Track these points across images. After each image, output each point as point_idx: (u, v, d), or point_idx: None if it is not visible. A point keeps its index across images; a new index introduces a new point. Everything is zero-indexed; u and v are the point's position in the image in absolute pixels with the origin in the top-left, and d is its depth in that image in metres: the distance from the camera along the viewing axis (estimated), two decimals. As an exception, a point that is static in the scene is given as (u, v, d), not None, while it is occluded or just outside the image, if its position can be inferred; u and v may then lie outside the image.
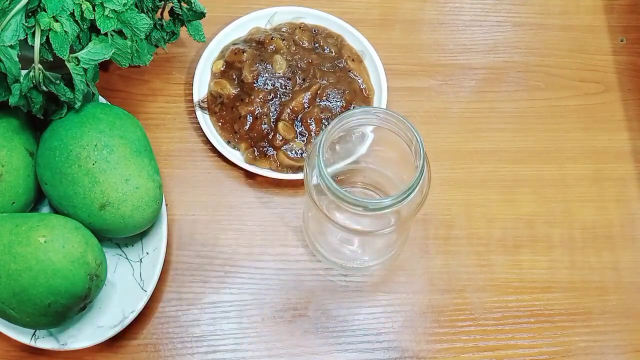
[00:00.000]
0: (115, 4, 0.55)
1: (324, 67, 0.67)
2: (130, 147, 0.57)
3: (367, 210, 0.49)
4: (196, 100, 0.67)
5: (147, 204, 0.56)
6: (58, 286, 0.51)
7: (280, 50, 0.67)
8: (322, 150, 0.49)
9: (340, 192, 0.49)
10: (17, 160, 0.57)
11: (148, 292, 0.58)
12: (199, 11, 0.62)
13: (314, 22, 0.71)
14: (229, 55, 0.67)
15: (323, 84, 0.66)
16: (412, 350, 0.60)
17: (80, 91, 0.56)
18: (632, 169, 0.68)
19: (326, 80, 0.66)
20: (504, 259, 0.63)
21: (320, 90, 0.65)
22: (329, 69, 0.67)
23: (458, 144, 0.68)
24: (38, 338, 0.56)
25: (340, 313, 0.61)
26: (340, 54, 0.69)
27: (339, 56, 0.69)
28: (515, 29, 0.75)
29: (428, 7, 0.75)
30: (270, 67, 0.66)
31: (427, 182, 0.52)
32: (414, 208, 0.52)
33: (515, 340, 0.60)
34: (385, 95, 0.67)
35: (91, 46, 0.55)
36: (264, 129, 0.64)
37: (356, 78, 0.68)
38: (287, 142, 0.64)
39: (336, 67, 0.68)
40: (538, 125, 0.70)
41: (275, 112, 0.65)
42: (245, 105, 0.65)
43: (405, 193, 0.49)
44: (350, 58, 0.69)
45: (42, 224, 0.53)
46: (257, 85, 0.65)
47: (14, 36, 0.52)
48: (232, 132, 0.65)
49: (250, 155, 0.64)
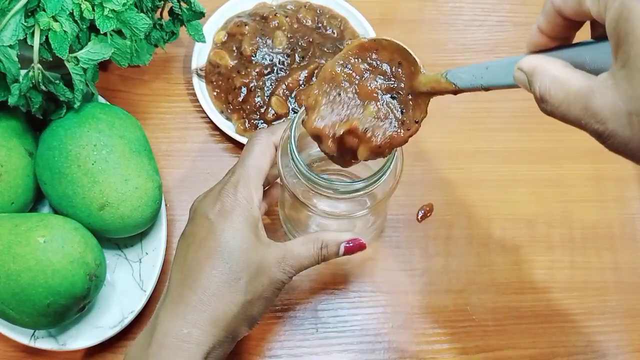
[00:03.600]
0: (114, 3, 0.55)
1: (325, 47, 0.68)
2: (129, 147, 0.57)
3: (338, 193, 0.49)
4: (194, 67, 0.67)
5: (147, 204, 0.56)
6: (57, 286, 0.51)
7: (282, 26, 0.68)
8: (294, 132, 0.49)
9: (312, 175, 0.48)
10: (16, 160, 0.57)
11: (147, 292, 0.58)
12: (199, 11, 0.62)
13: (320, 2, 0.71)
14: (232, 27, 0.68)
15: (321, 64, 0.66)
16: (411, 350, 0.60)
17: (79, 91, 0.56)
18: (632, 169, 0.68)
19: (325, 60, 0.66)
20: (503, 259, 0.63)
21: (317, 70, 0.66)
22: (329, 50, 0.68)
23: (457, 144, 0.68)
24: (37, 338, 0.56)
25: (340, 313, 0.61)
26: (342, 35, 0.69)
27: (341, 38, 0.69)
28: (515, 29, 0.75)
29: (428, 7, 0.75)
30: (270, 42, 0.66)
31: (399, 164, 0.51)
32: (387, 190, 0.51)
33: (515, 340, 0.60)
34: None
35: (90, 46, 0.55)
36: (257, 102, 0.64)
37: None
38: (279, 117, 0.64)
39: (337, 49, 0.68)
40: (538, 125, 0.70)
41: (270, 87, 0.65)
42: (240, 77, 0.65)
43: (377, 175, 0.48)
44: (351, 40, 0.69)
45: (41, 224, 0.53)
46: (255, 58, 0.66)
47: (13, 36, 0.52)
48: (225, 103, 0.66)
49: (241, 127, 0.65)
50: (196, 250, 0.48)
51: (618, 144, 0.35)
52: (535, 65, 0.40)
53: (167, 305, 0.48)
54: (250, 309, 0.48)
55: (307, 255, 0.50)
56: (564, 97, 0.38)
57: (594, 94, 0.36)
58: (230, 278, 0.47)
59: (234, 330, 0.48)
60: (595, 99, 0.36)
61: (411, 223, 0.64)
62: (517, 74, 0.41)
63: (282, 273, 0.49)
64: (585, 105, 0.36)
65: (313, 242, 0.50)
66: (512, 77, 0.41)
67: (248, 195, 0.49)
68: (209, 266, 0.47)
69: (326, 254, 0.51)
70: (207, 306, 0.47)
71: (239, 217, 0.48)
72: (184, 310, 0.47)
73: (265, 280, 0.48)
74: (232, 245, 0.48)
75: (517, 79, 0.41)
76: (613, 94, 0.35)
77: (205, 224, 0.49)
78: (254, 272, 0.48)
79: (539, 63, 0.39)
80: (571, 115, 0.38)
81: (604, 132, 0.36)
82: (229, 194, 0.49)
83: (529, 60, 0.40)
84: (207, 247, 0.48)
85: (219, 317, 0.47)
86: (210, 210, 0.49)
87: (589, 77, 0.37)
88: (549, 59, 0.40)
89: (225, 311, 0.47)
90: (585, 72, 0.37)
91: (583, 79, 0.37)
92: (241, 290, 0.47)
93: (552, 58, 0.40)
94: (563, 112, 0.38)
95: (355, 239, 0.51)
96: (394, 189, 0.52)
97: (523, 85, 0.41)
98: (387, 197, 0.52)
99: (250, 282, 0.48)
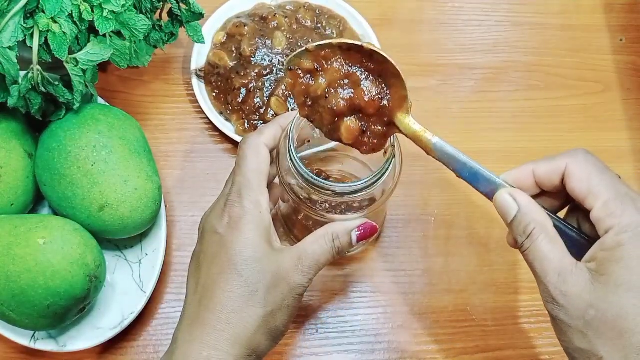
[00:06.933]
0: (113, 5, 0.55)
1: None
2: (129, 148, 0.57)
3: (337, 194, 0.49)
4: (193, 68, 0.67)
5: (146, 205, 0.56)
6: (57, 288, 0.51)
7: (281, 27, 0.68)
8: (293, 133, 0.48)
9: (311, 176, 0.48)
10: (15, 161, 0.57)
11: (147, 293, 0.58)
12: (198, 12, 0.62)
13: (319, 3, 0.71)
14: (231, 28, 0.68)
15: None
16: (411, 350, 0.60)
17: (79, 92, 0.56)
18: (632, 168, 0.68)
19: None
20: (503, 259, 0.63)
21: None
22: None
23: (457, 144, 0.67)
24: (37, 340, 0.56)
25: (340, 314, 0.61)
26: (341, 36, 0.69)
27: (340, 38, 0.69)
28: (514, 29, 0.74)
29: (427, 7, 0.75)
30: (269, 42, 0.66)
31: (399, 165, 0.51)
32: (387, 190, 0.51)
33: (515, 340, 0.60)
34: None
35: (90, 47, 0.55)
36: (256, 103, 0.64)
37: None
38: None
39: None
40: (537, 125, 0.70)
41: (269, 88, 0.65)
42: (240, 78, 0.65)
43: (376, 176, 0.48)
44: None
45: (41, 226, 0.53)
46: (255, 59, 0.66)
47: (12, 37, 0.52)
48: (225, 103, 0.66)
49: (241, 127, 0.65)
50: (209, 268, 0.47)
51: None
52: (532, 212, 0.43)
53: (184, 328, 0.46)
54: (272, 321, 0.46)
55: (322, 252, 0.47)
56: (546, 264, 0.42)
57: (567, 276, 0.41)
58: (247, 291, 0.45)
59: (256, 347, 0.46)
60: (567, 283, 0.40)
61: (411, 223, 0.64)
62: (507, 199, 0.44)
63: (301, 277, 0.46)
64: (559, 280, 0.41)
65: (324, 237, 0.48)
66: (489, 189, 0.45)
67: (255, 199, 0.47)
68: (223, 282, 0.45)
69: (340, 246, 0.48)
70: (226, 325, 0.44)
71: (248, 225, 0.46)
72: (201, 332, 0.44)
73: (285, 288, 0.46)
74: (244, 256, 0.46)
75: (503, 201, 0.44)
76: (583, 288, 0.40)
77: (215, 239, 0.47)
78: (271, 281, 0.46)
79: (538, 216, 0.43)
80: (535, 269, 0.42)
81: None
82: (234, 204, 0.47)
83: (526, 199, 0.43)
84: (220, 262, 0.46)
85: (239, 335, 0.44)
86: (218, 224, 0.47)
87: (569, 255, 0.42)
88: (544, 213, 0.43)
89: (246, 327, 0.45)
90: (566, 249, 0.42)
91: (564, 257, 0.41)
92: (260, 303, 0.45)
93: (547, 215, 0.43)
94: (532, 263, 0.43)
95: (364, 223, 0.49)
96: (394, 189, 0.52)
97: (504, 208, 0.44)
98: (387, 198, 0.52)
99: (269, 292, 0.45)
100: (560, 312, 0.41)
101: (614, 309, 0.38)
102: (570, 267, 0.41)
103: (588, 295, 0.39)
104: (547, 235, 0.42)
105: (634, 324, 0.38)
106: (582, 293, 0.40)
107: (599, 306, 0.39)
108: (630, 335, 0.38)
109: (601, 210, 0.41)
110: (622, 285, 0.38)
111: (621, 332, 0.38)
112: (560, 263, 0.41)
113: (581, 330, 0.40)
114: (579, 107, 0.71)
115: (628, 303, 0.38)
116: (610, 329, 0.39)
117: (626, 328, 0.38)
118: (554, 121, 0.70)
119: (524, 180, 0.45)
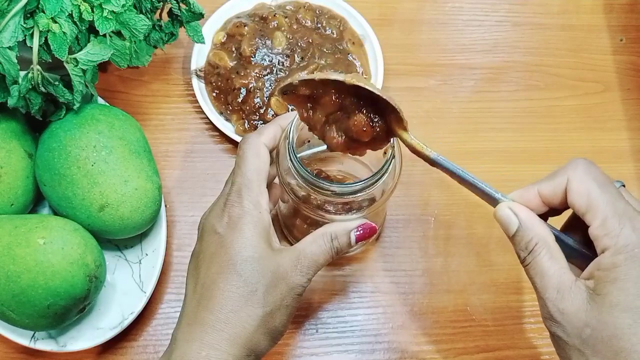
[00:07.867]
0: (113, 5, 0.55)
1: (324, 47, 0.68)
2: (129, 148, 0.57)
3: (337, 194, 0.49)
4: (193, 68, 0.67)
5: (146, 205, 0.56)
6: (57, 288, 0.51)
7: (281, 27, 0.68)
8: (293, 133, 0.48)
9: (311, 176, 0.48)
10: (15, 161, 0.57)
11: (147, 293, 0.58)
12: (198, 12, 0.62)
13: (319, 3, 0.71)
14: (231, 28, 0.68)
15: (321, 65, 0.66)
16: (411, 350, 0.60)
17: (79, 92, 0.56)
18: (632, 168, 0.68)
19: (324, 60, 0.66)
20: (503, 259, 0.63)
21: (317, 70, 0.65)
22: (329, 50, 0.68)
23: (457, 144, 0.68)
24: (37, 340, 0.56)
25: (340, 314, 0.61)
26: (341, 36, 0.69)
27: (340, 38, 0.69)
28: (514, 29, 0.75)
29: (427, 7, 0.75)
30: (269, 42, 0.67)
31: (398, 165, 0.51)
32: (387, 190, 0.51)
33: (515, 340, 0.60)
34: (380, 81, 0.67)
35: (90, 47, 0.55)
36: (256, 103, 0.64)
37: (354, 61, 0.68)
38: None
39: (336, 49, 0.68)
40: (537, 125, 0.70)
41: (269, 88, 0.65)
42: (240, 78, 0.65)
43: (376, 176, 0.48)
44: (351, 41, 0.69)
45: (41, 226, 0.53)
46: (255, 59, 0.66)
47: (12, 37, 0.52)
48: (225, 103, 0.66)
49: (241, 127, 0.65)
50: (208, 267, 0.47)
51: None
52: (534, 225, 0.44)
53: (184, 328, 0.46)
54: (271, 321, 0.46)
55: (320, 252, 0.48)
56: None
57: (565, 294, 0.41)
58: (246, 291, 0.45)
59: (255, 347, 0.46)
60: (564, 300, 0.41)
61: (411, 223, 0.64)
62: (507, 213, 0.45)
63: (300, 276, 0.47)
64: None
65: (323, 237, 0.48)
66: (489, 201, 0.47)
67: (255, 200, 0.47)
68: (222, 281, 0.45)
69: (338, 246, 0.48)
70: (225, 324, 0.45)
71: (248, 225, 0.47)
72: (200, 331, 0.45)
73: (284, 288, 0.46)
74: (243, 255, 0.46)
75: (504, 215, 0.45)
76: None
77: (214, 238, 0.47)
78: (270, 281, 0.46)
79: (540, 230, 0.43)
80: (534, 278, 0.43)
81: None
82: (234, 204, 0.47)
83: (526, 213, 0.44)
84: (219, 262, 0.46)
85: (237, 335, 0.45)
86: (218, 224, 0.47)
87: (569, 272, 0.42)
88: (545, 226, 0.44)
89: (245, 327, 0.45)
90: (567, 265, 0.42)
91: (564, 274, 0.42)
92: (259, 303, 0.45)
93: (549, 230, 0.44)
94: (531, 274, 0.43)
95: (364, 223, 0.49)
96: (393, 189, 0.52)
97: (505, 223, 0.45)
98: (387, 198, 0.52)
99: (268, 292, 0.46)
100: (558, 329, 0.41)
101: (610, 329, 0.39)
102: (569, 283, 0.41)
103: (584, 315, 0.40)
104: (549, 251, 0.42)
105: (630, 344, 0.38)
106: (578, 312, 0.40)
107: (595, 325, 0.39)
108: (626, 354, 0.38)
109: (599, 229, 0.41)
110: (617, 306, 0.39)
111: (617, 351, 0.39)
112: (559, 279, 0.41)
113: (578, 347, 0.40)
114: (578, 107, 0.71)
115: (623, 323, 0.39)
116: (607, 348, 0.39)
117: (622, 347, 0.39)
118: (554, 121, 0.70)
119: (530, 201, 0.45)
